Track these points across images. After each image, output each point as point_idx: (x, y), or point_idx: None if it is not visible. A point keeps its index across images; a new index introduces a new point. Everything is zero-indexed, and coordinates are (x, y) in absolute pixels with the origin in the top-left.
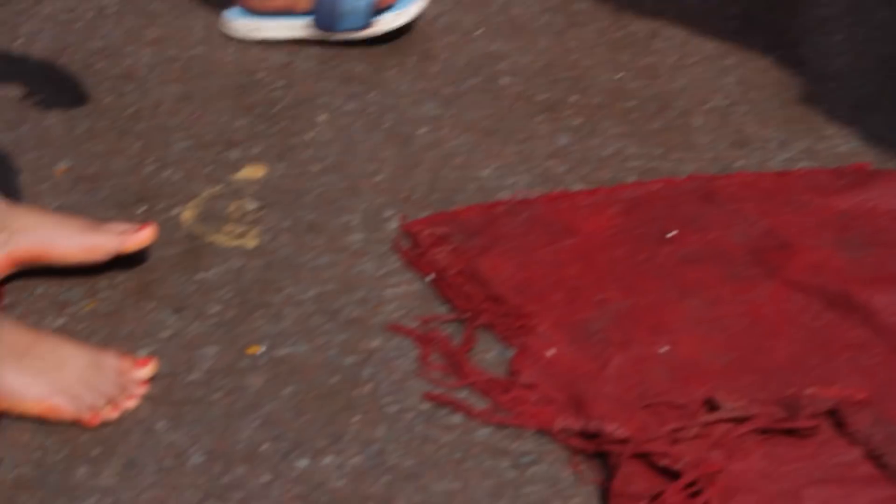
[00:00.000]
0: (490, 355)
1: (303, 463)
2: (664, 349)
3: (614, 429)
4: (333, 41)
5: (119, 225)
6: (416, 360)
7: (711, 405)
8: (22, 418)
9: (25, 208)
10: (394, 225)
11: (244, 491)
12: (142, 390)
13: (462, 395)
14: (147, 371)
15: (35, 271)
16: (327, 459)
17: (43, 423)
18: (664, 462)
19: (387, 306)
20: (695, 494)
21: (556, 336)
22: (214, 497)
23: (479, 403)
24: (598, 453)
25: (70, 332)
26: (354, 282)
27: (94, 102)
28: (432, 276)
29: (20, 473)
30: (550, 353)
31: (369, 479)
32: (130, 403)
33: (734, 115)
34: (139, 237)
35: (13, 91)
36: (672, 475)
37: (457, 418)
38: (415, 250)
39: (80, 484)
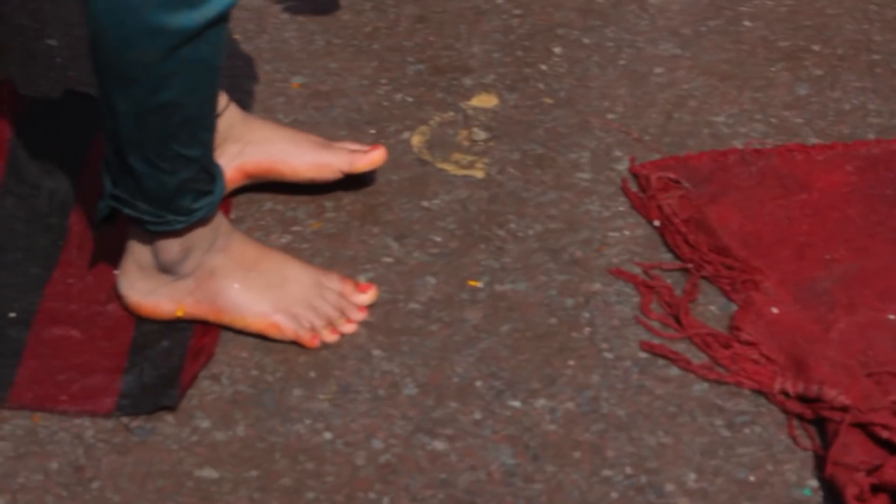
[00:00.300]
0: (712, 308)
1: (515, 404)
2: (892, 316)
3: (835, 395)
4: None
5: (351, 144)
6: (636, 307)
7: None
8: (243, 334)
9: (260, 121)
10: (623, 166)
11: (454, 427)
12: (361, 316)
13: (680, 346)
14: (368, 297)
15: (263, 187)
16: (540, 402)
17: (262, 340)
18: (885, 434)
19: (610, 249)
20: None
21: (781, 293)
22: (424, 431)
23: (697, 357)
24: (816, 419)
25: (294, 251)
26: (579, 221)
27: (333, 18)
28: (658, 221)
29: (237, 390)
30: (774, 310)
31: (581, 425)
32: (349, 328)
33: None
34: (370, 158)
35: (255, 1)
36: (893, 448)
37: (673, 371)
38: (642, 194)
39: (295, 406)
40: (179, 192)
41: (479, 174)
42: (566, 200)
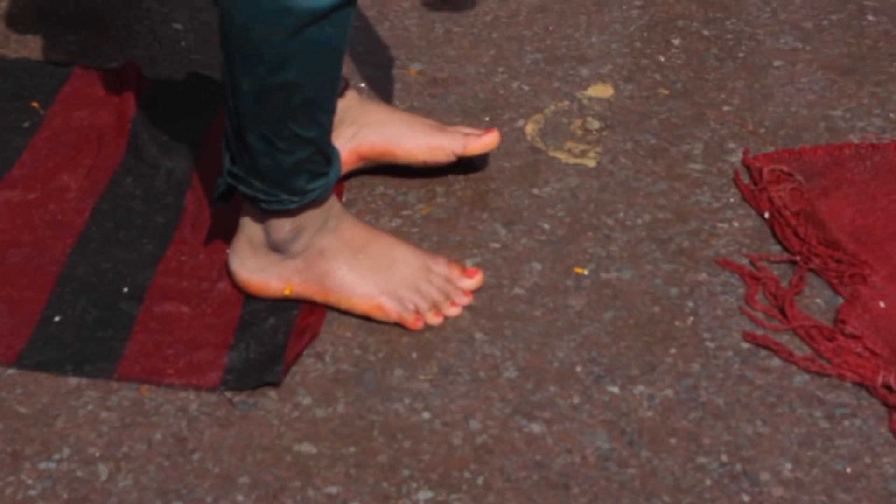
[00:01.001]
0: (818, 301)
1: (614, 389)
2: None
3: None
4: None
5: (465, 128)
6: (741, 298)
7: None
8: (348, 315)
9: (376, 104)
10: (736, 158)
11: (552, 411)
12: (466, 300)
13: (783, 338)
14: (474, 282)
15: (375, 171)
16: (639, 388)
17: (367, 321)
18: None
19: (718, 240)
20: None
21: (890, 289)
22: (522, 413)
23: (800, 349)
24: None
25: (403, 235)
26: (688, 212)
27: (452, 6)
28: (768, 213)
29: (339, 369)
30: (881, 304)
31: (679, 412)
32: (453, 311)
33: None
34: (483, 141)
35: None
36: None
37: (775, 362)
38: (754, 186)
39: (395, 386)
40: (294, 173)
41: (591, 163)
42: (676, 191)
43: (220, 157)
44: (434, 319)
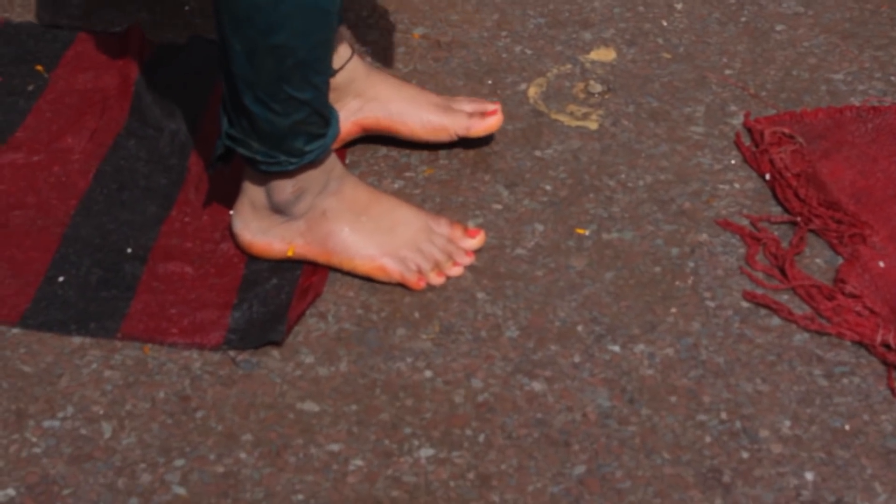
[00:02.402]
0: (818, 261)
1: (615, 348)
2: None
3: None
4: None
5: (469, 103)
6: (742, 258)
7: None
8: (351, 275)
9: (382, 77)
10: (737, 120)
11: (553, 369)
12: (468, 260)
13: (783, 297)
14: (476, 242)
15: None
16: (639, 347)
17: (369, 281)
18: None
19: (719, 201)
20: None
21: (890, 248)
22: (523, 372)
23: (800, 308)
24: None
25: (406, 196)
26: (689, 173)
27: None
28: (769, 175)
29: (342, 328)
30: (880, 264)
31: (679, 371)
32: (455, 271)
33: None
34: (486, 124)
35: None
36: None
37: (775, 321)
38: (755, 148)
39: (397, 345)
40: (291, 134)
41: (593, 126)
42: (678, 153)
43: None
44: (436, 279)
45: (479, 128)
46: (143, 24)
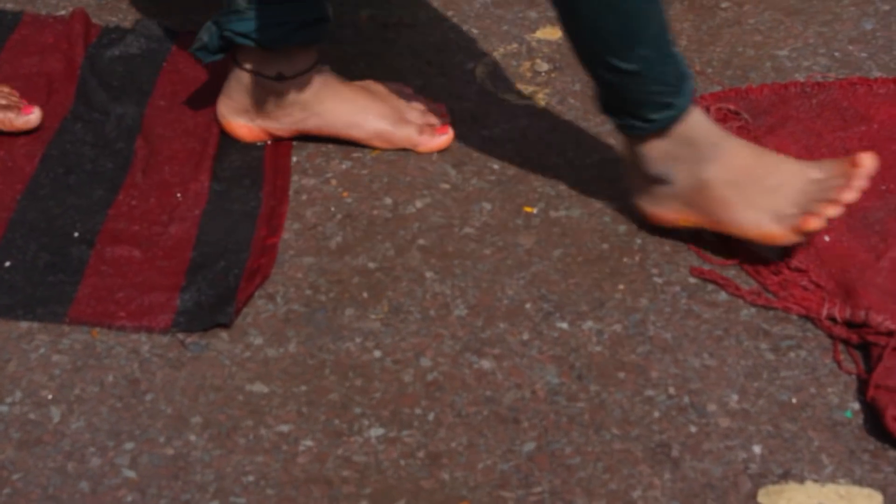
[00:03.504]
0: None
1: (563, 325)
2: None
3: (882, 320)
4: None
5: (421, 114)
6: (689, 234)
7: None
8: (298, 256)
9: (333, 92)
10: None
11: (502, 347)
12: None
13: (730, 273)
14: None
15: None
16: (588, 324)
17: (317, 262)
18: None
19: None
20: None
21: (834, 222)
22: (472, 350)
23: (747, 283)
24: (862, 344)
25: (353, 176)
26: None
27: None
28: None
29: (290, 309)
30: (826, 238)
31: (627, 347)
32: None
33: None
34: (434, 143)
35: None
36: None
37: (722, 296)
38: None
39: (346, 325)
40: (634, 102)
41: (540, 104)
42: None
43: (171, 101)
44: (816, 223)
45: (427, 146)
46: (89, 7)
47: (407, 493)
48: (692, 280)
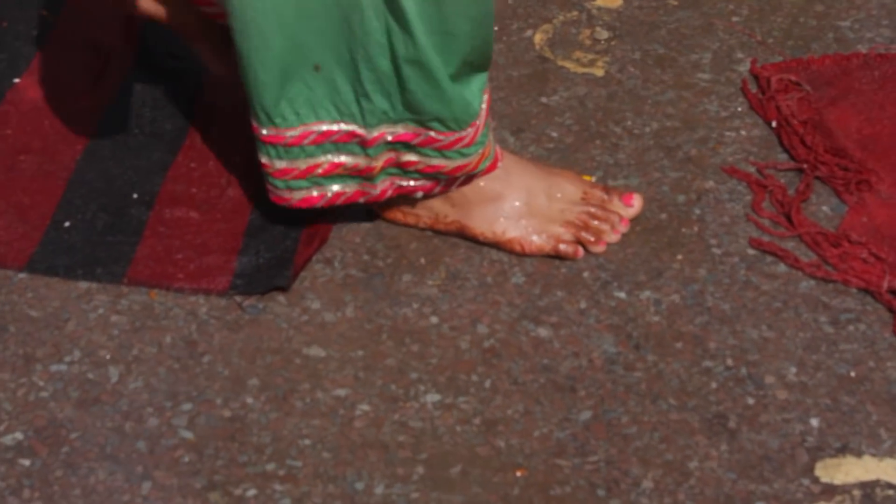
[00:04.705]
0: (824, 208)
1: (621, 295)
2: None
3: None
4: None
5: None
6: (748, 205)
7: None
8: (356, 220)
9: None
10: (744, 67)
11: (559, 315)
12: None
13: (789, 245)
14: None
15: None
16: (645, 294)
17: (375, 226)
18: None
19: (726, 148)
20: None
21: (895, 195)
22: (529, 318)
23: (806, 256)
24: None
25: None
26: (696, 120)
27: None
28: (776, 122)
29: (348, 274)
30: (887, 212)
31: (685, 317)
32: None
33: None
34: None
35: None
36: None
37: (781, 268)
38: (762, 95)
39: (403, 290)
40: None
41: (599, 72)
42: (684, 100)
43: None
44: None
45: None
46: None
47: (462, 459)
48: (751, 251)
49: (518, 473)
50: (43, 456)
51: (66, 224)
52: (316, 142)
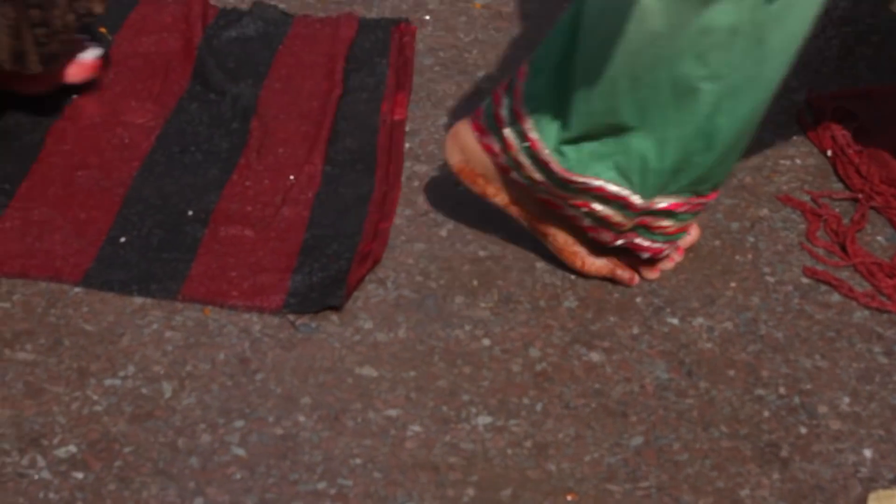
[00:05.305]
0: (879, 238)
1: (673, 321)
2: None
3: None
4: None
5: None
6: (802, 234)
7: None
8: (410, 241)
9: None
10: (800, 96)
11: (611, 340)
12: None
13: (843, 274)
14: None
15: (440, 102)
16: (698, 320)
17: (429, 248)
18: None
19: (780, 177)
20: None
21: None
22: (581, 342)
23: (861, 285)
24: None
25: None
26: (751, 148)
27: None
28: (831, 151)
29: (401, 294)
30: None
31: (738, 345)
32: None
33: None
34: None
35: None
36: None
37: (835, 297)
38: (817, 124)
39: (456, 312)
40: None
41: None
42: None
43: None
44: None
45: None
46: None
47: (513, 482)
48: (805, 280)
49: (569, 498)
50: (96, 470)
51: (122, 240)
52: (586, 189)
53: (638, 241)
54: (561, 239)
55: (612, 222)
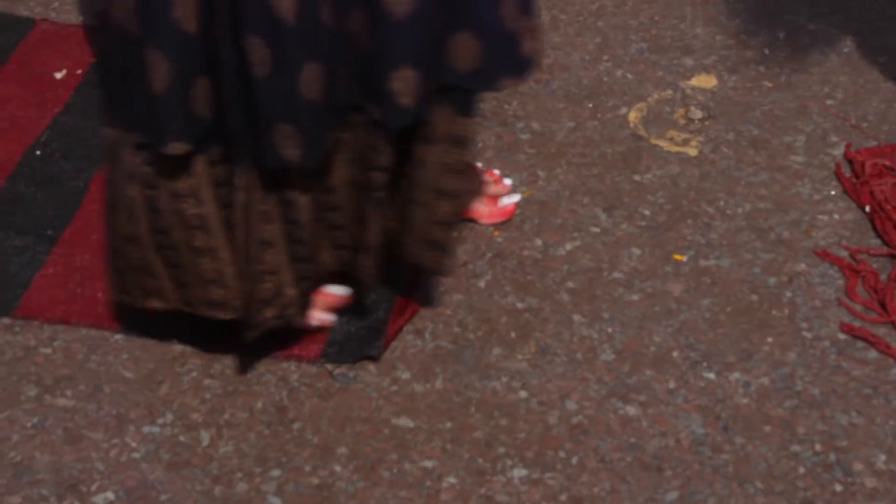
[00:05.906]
0: None
1: (710, 375)
2: None
3: None
4: None
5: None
6: (840, 289)
7: None
8: (448, 293)
9: None
10: (838, 151)
11: (647, 394)
12: None
13: (881, 331)
14: None
15: (480, 158)
16: (735, 375)
17: (467, 299)
18: None
19: (818, 231)
20: None
21: None
22: (618, 396)
23: None
24: None
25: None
26: (788, 203)
27: None
28: (869, 207)
29: (438, 345)
30: None
31: (774, 400)
32: None
33: None
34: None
35: None
36: None
37: (872, 354)
38: (855, 179)
39: (493, 364)
40: None
41: (693, 152)
42: (777, 182)
43: None
44: None
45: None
46: None
47: None
48: (842, 336)
49: None
50: None
51: None
52: None
53: None
54: None
55: None
